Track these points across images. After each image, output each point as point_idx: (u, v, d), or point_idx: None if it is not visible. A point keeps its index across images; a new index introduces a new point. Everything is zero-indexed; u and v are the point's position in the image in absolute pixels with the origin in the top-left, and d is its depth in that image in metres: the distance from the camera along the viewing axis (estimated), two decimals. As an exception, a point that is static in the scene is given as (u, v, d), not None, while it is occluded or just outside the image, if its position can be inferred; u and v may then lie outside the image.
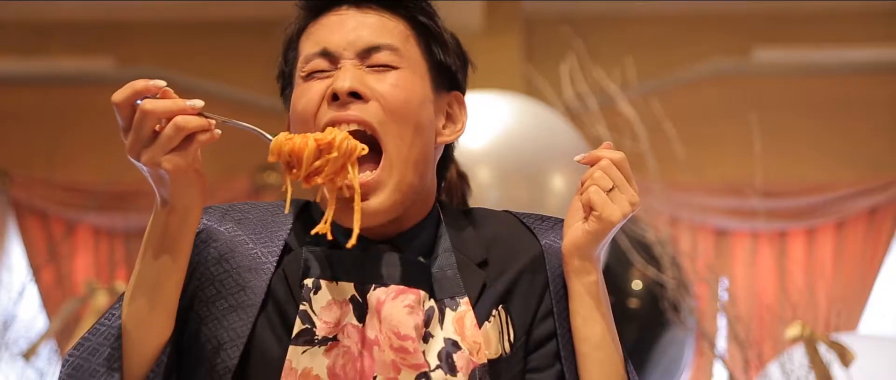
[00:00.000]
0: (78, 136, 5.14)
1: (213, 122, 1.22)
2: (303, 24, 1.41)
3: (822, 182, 4.89)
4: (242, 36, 5.12)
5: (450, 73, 1.42)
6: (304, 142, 1.27)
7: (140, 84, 1.20)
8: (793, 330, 3.17)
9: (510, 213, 1.47)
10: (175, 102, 1.20)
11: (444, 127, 1.42)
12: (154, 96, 1.20)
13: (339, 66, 1.35)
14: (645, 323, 3.54)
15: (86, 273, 4.98)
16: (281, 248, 1.36)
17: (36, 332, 4.46)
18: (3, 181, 5.10)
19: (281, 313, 1.32)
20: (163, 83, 1.21)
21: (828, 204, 4.85)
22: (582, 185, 1.35)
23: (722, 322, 3.98)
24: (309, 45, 1.38)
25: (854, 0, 5.00)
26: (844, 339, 3.29)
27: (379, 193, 1.32)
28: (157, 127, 1.20)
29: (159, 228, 1.26)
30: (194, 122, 1.20)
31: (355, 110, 1.32)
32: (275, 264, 1.35)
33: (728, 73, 5.06)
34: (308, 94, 1.35)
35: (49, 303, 4.85)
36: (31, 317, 4.63)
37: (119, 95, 1.20)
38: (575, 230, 1.34)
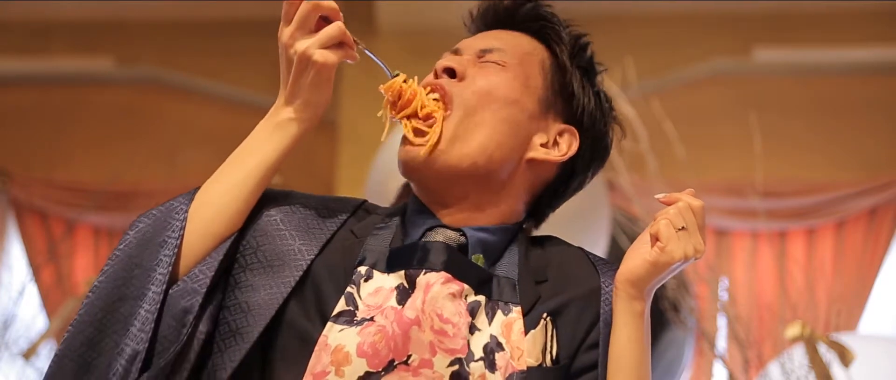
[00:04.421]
0: (78, 136, 5.14)
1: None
2: (469, 34, 1.56)
3: (822, 182, 4.88)
4: (242, 36, 5.11)
5: (569, 105, 1.51)
6: (406, 87, 1.44)
7: None
8: (793, 330, 3.16)
9: (581, 249, 1.51)
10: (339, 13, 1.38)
11: (542, 145, 1.47)
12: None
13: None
14: (645, 323, 3.53)
15: (86, 273, 4.97)
16: (329, 236, 1.41)
17: (36, 332, 4.47)
18: (3, 181, 5.09)
19: (317, 292, 1.36)
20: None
21: (828, 204, 4.85)
22: (656, 219, 1.39)
23: (722, 322, 3.98)
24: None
25: (854, 0, 4.99)
26: (844, 339, 3.29)
27: (425, 141, 1.41)
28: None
29: (274, 120, 1.39)
30: (349, 35, 1.38)
31: (443, 81, 1.45)
32: (320, 248, 1.40)
33: (728, 73, 5.05)
34: (429, 73, 1.49)
35: (49, 303, 4.84)
36: (31, 317, 4.63)
37: None
38: (634, 259, 1.38)
